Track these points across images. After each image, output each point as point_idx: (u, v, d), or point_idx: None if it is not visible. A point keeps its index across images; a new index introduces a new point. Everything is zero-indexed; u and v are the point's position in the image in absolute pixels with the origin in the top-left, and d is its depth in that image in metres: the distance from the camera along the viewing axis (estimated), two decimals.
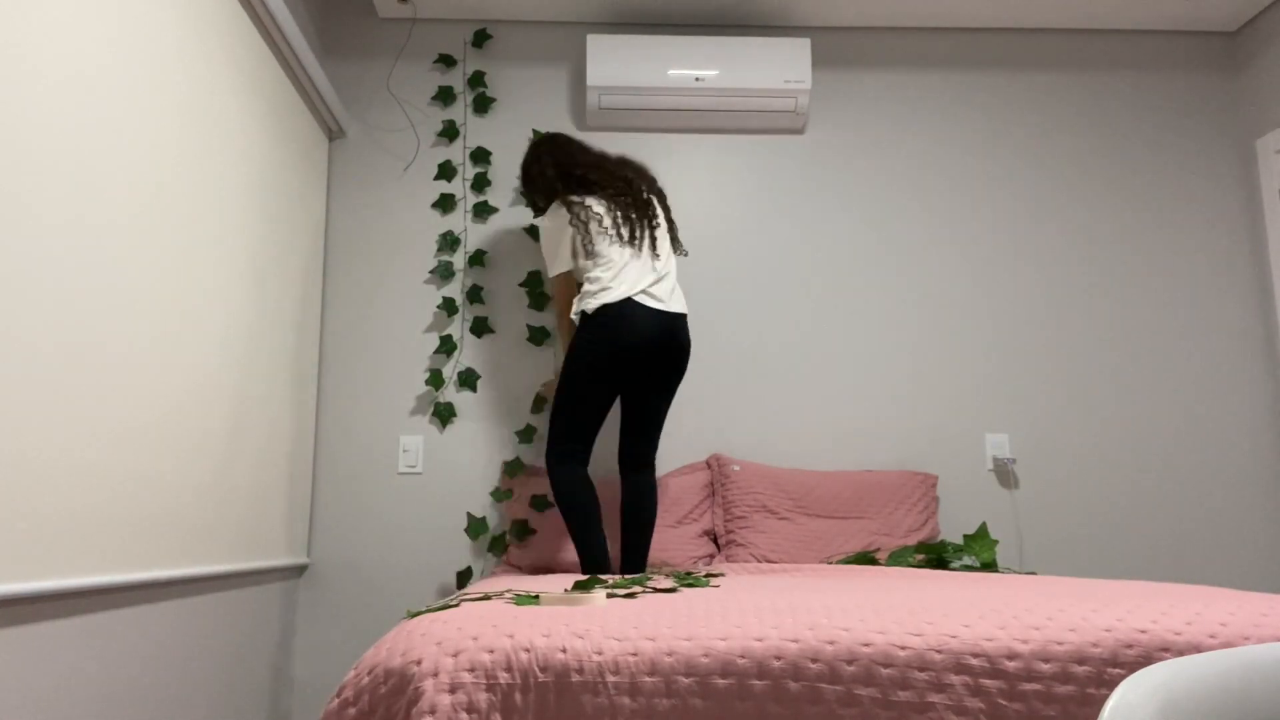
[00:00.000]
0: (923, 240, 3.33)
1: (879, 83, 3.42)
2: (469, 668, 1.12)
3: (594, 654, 1.14)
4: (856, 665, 1.14)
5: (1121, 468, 3.21)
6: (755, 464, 3.07)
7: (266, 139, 2.67)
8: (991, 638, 1.18)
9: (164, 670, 2.08)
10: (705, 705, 1.12)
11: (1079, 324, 3.30)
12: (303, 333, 3.00)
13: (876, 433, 3.21)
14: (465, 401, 3.17)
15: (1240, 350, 3.29)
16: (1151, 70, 3.46)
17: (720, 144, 3.37)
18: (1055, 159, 3.40)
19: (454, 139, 3.31)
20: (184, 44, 2.13)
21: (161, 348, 2.02)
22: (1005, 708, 1.13)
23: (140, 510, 1.93)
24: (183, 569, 2.13)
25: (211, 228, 2.29)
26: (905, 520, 2.94)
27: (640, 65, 3.17)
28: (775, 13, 3.36)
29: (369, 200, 3.28)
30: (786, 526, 2.90)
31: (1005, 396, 3.25)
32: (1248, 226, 3.37)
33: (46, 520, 1.60)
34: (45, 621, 1.62)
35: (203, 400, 2.24)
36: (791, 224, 3.32)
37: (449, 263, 3.22)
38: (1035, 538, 3.17)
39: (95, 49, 1.75)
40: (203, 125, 2.24)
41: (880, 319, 3.28)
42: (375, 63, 3.35)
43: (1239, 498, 3.20)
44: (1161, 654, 1.17)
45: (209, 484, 2.28)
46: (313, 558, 3.07)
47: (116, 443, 1.83)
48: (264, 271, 2.66)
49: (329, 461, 3.13)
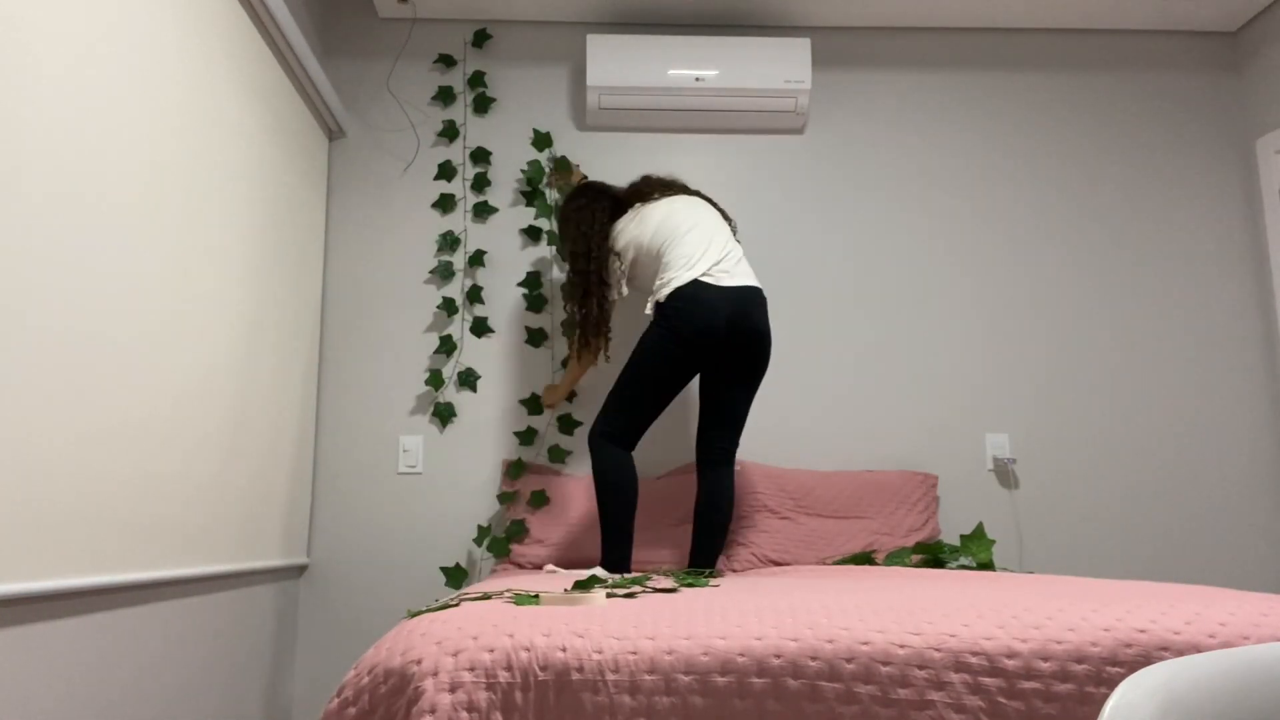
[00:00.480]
0: (923, 240, 3.33)
1: (879, 83, 3.43)
2: (469, 667, 1.12)
3: (594, 653, 1.14)
4: (856, 663, 1.14)
5: (1121, 468, 3.21)
6: (756, 464, 3.07)
7: (266, 139, 2.67)
8: (991, 636, 1.18)
9: (164, 670, 2.08)
10: (705, 703, 1.12)
11: (1079, 324, 3.30)
12: (303, 333, 3.00)
13: (877, 433, 3.21)
14: (465, 401, 3.17)
15: (1240, 350, 3.29)
16: (1151, 70, 3.46)
17: (720, 144, 3.37)
18: (1055, 159, 3.40)
19: (454, 139, 3.32)
20: (184, 44, 2.13)
21: (161, 347, 2.02)
22: (1004, 706, 1.13)
23: (140, 510, 1.93)
24: (183, 569, 2.13)
25: (211, 228, 2.29)
26: (906, 520, 2.94)
27: (640, 65, 3.17)
28: (775, 13, 3.36)
29: (369, 200, 3.28)
30: (787, 526, 2.90)
31: (1005, 396, 3.25)
32: (1248, 226, 3.37)
33: (46, 520, 1.60)
34: (45, 621, 1.62)
35: (202, 400, 2.24)
36: (791, 224, 3.32)
37: (449, 263, 3.22)
38: (1035, 538, 3.17)
39: (95, 49, 1.75)
40: (202, 125, 2.24)
41: (880, 319, 3.28)
42: (375, 63, 3.35)
43: (1239, 498, 3.20)
44: (1161, 653, 1.17)
45: (209, 484, 2.28)
46: (313, 558, 3.07)
47: (116, 443, 1.83)
48: (264, 271, 2.66)
49: (329, 461, 3.13)
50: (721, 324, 2.44)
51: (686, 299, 2.44)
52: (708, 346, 2.44)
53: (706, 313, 2.43)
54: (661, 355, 2.43)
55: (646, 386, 2.44)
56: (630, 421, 2.45)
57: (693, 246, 2.54)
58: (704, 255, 2.52)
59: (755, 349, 2.50)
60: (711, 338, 2.43)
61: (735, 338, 2.47)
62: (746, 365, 2.51)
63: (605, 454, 2.42)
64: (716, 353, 2.47)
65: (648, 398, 2.45)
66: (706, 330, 2.42)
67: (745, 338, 2.48)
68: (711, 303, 2.44)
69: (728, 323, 2.45)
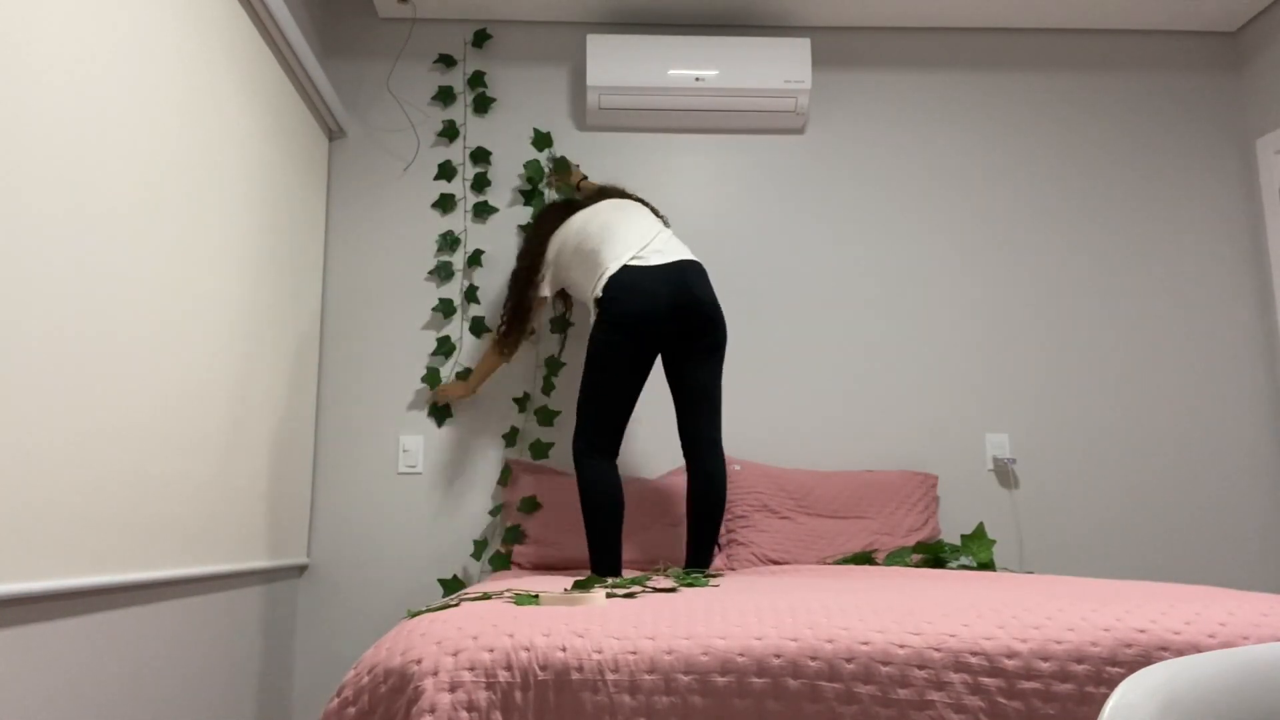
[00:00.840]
0: (923, 240, 3.33)
1: (879, 83, 3.43)
2: (469, 666, 1.12)
3: (594, 652, 1.14)
4: (856, 663, 1.14)
5: (1121, 468, 3.21)
6: (756, 464, 3.07)
7: (266, 139, 2.67)
8: (991, 636, 1.18)
9: (164, 670, 2.08)
10: (705, 703, 1.12)
11: (1079, 324, 3.30)
12: (302, 332, 3.00)
13: (877, 433, 3.21)
14: (466, 401, 3.17)
15: (1240, 350, 3.29)
16: (1151, 70, 3.46)
17: (720, 144, 3.37)
18: (1055, 159, 3.40)
19: (454, 139, 3.32)
20: (184, 44, 2.13)
21: (161, 347, 2.02)
22: (1004, 706, 1.13)
23: (140, 510, 1.93)
24: (183, 569, 2.13)
25: (211, 228, 2.29)
26: (906, 520, 2.94)
27: (640, 65, 3.17)
28: (775, 13, 3.36)
29: (369, 200, 3.28)
30: (788, 526, 2.90)
31: (1005, 396, 3.25)
32: (1248, 226, 3.37)
33: (46, 520, 1.60)
34: (45, 621, 1.62)
35: (202, 400, 2.24)
36: (791, 224, 3.32)
37: (448, 263, 3.22)
38: (1035, 538, 3.17)
39: (95, 49, 1.75)
40: (202, 125, 2.24)
41: (880, 319, 3.28)
42: (375, 63, 3.35)
43: (1239, 498, 3.20)
44: (1160, 653, 1.17)
45: (209, 484, 2.28)
46: (313, 558, 3.07)
47: (116, 443, 1.83)
48: (264, 271, 2.66)
49: (329, 461, 3.13)
50: (662, 303, 2.38)
51: (620, 286, 2.40)
52: (653, 329, 2.38)
53: (643, 296, 2.38)
54: (609, 349, 2.38)
55: (606, 386, 2.39)
56: (601, 426, 2.38)
57: (619, 238, 2.53)
58: (630, 242, 2.50)
59: (703, 320, 2.42)
60: (654, 319, 2.37)
61: (680, 313, 2.40)
62: (701, 340, 2.43)
63: (585, 470, 2.36)
64: (665, 333, 2.41)
65: (611, 397, 2.38)
66: (647, 312, 2.37)
67: (690, 311, 2.41)
68: (646, 285, 2.39)
69: (669, 300, 2.39)
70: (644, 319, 2.37)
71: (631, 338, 2.37)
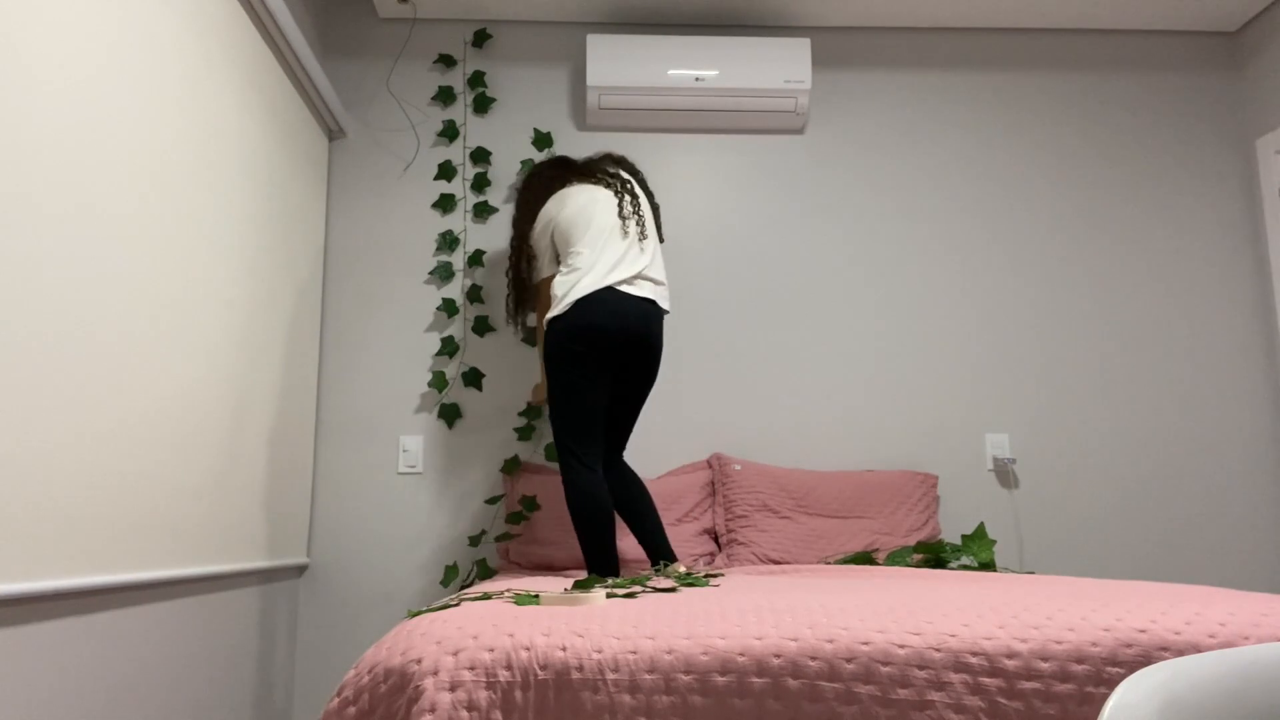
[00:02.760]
0: (923, 239, 3.33)
1: (879, 83, 3.43)
2: (469, 666, 1.12)
3: (594, 652, 1.14)
4: (856, 663, 1.14)
5: (1121, 468, 3.21)
6: (756, 463, 3.07)
7: (266, 139, 2.67)
8: (991, 636, 1.18)
9: (164, 670, 2.08)
10: (704, 702, 1.12)
11: (1079, 324, 3.30)
12: (302, 332, 3.00)
13: (877, 433, 3.21)
14: (469, 401, 3.17)
15: (1240, 350, 3.29)
16: (1151, 70, 3.46)
17: (720, 144, 3.37)
18: (1055, 159, 3.40)
19: (454, 139, 3.32)
20: (184, 44, 2.13)
21: (161, 347, 2.02)
22: (1004, 706, 1.13)
23: (140, 510, 1.93)
24: (182, 569, 2.13)
25: (211, 228, 2.30)
26: (906, 520, 2.94)
27: (640, 65, 3.17)
28: (775, 13, 3.37)
29: (369, 200, 3.28)
30: (788, 526, 2.90)
31: (1005, 396, 3.25)
32: (1248, 226, 3.37)
33: (46, 520, 1.60)
34: (45, 621, 1.62)
35: (202, 400, 2.24)
36: (791, 223, 3.32)
37: (449, 263, 3.22)
38: (1035, 538, 3.17)
39: (95, 49, 1.76)
40: (202, 125, 2.24)
41: (880, 318, 3.28)
42: (375, 63, 3.35)
43: (1239, 498, 3.20)
44: (1160, 653, 1.17)
45: (208, 484, 2.28)
46: (312, 558, 3.07)
47: (116, 443, 1.83)
48: (264, 271, 2.66)
49: (329, 461, 3.13)
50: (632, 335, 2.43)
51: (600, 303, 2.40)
52: (614, 355, 2.42)
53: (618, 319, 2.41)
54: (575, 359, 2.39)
55: (580, 393, 2.40)
56: (578, 437, 2.40)
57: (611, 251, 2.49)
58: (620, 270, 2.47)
59: (653, 360, 2.53)
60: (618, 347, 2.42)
61: (638, 349, 2.46)
62: (645, 375, 2.54)
63: (571, 485, 2.38)
64: (621, 360, 2.46)
65: (585, 405, 2.40)
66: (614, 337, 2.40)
67: (646, 350, 2.49)
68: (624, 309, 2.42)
69: (638, 333, 2.44)
70: (612, 342, 2.41)
71: (595, 351, 2.40)
